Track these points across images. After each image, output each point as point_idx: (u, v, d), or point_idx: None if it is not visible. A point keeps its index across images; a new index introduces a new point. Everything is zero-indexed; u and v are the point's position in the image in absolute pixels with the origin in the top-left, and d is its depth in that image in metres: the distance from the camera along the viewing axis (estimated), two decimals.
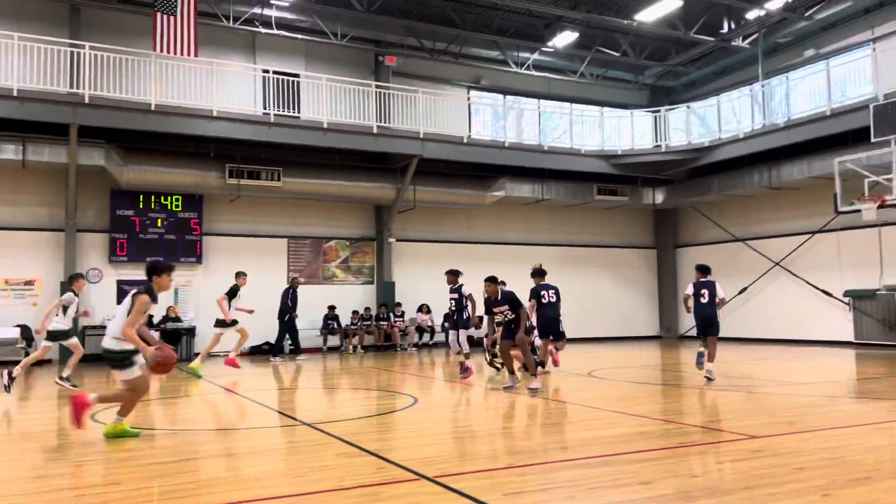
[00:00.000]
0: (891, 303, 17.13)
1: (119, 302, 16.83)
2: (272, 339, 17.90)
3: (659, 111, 21.36)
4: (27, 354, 12.03)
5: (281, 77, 17.37)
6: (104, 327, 16.24)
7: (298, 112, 17.54)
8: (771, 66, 20.05)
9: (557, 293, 11.70)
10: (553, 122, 22.31)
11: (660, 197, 22.09)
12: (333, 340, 18.81)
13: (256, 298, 17.79)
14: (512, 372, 10.10)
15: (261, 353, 17.70)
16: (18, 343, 15.27)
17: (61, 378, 10.70)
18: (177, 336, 16.63)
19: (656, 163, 20.85)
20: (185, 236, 17.78)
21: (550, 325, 11.65)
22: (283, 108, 17.19)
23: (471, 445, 6.42)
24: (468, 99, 21.25)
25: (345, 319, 18.77)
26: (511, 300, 9.92)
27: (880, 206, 14.24)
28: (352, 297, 19.39)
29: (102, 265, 17.10)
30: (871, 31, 17.95)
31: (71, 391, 9.76)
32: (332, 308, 18.52)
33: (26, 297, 16.41)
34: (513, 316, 9.94)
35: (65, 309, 10.38)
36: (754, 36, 19.48)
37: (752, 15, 18.48)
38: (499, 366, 11.63)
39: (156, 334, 16.82)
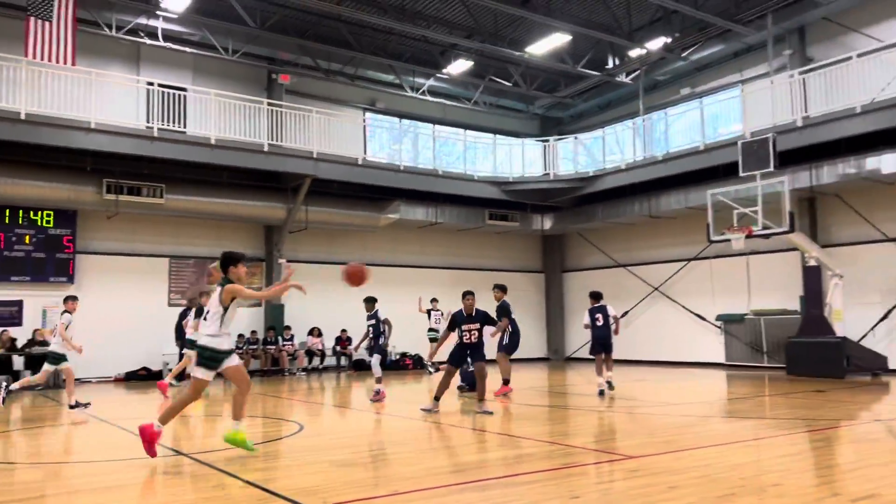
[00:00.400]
0: (757, 327, 18.36)
1: None
2: (150, 364, 17.04)
3: (548, 140, 22.11)
4: None
5: (166, 90, 16.69)
6: None
7: (185, 127, 16.91)
8: (651, 101, 21.25)
9: None
10: (448, 147, 22.63)
11: (548, 223, 22.79)
12: None
13: (133, 321, 17.00)
14: (438, 398, 9.92)
15: (137, 378, 16.74)
16: None
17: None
18: (42, 361, 15.37)
19: (545, 190, 21.54)
20: (57, 254, 16.62)
21: (519, 341, 12.25)
22: (168, 122, 16.51)
23: (357, 473, 6.28)
24: (364, 121, 21.21)
25: None
26: (485, 317, 9.95)
27: (748, 237, 15.28)
28: (237, 320, 18.53)
29: None
30: (739, 74, 19.40)
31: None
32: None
33: None
34: (476, 339, 9.80)
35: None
36: (636, 73, 20.60)
37: (634, 53, 19.52)
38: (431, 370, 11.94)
39: (20, 359, 15.62)
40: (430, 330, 18.45)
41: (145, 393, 14.18)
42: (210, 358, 6.58)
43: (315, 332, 19.22)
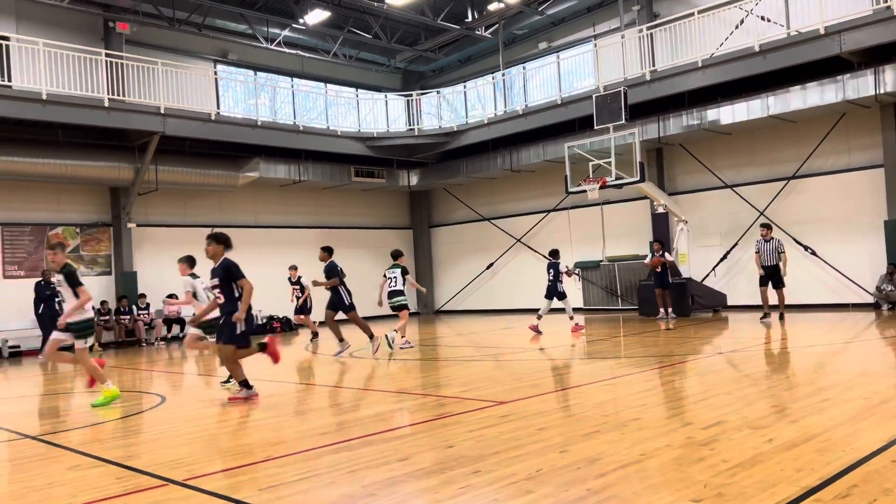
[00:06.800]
0: (611, 272, 19.44)
1: None
2: None
3: (411, 95, 21.94)
4: None
5: None
6: None
7: (9, 81, 15.22)
8: (510, 56, 21.55)
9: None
10: (309, 101, 21.90)
11: (414, 179, 22.78)
12: None
13: None
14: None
15: None
16: None
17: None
18: None
19: (410, 146, 21.44)
20: None
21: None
22: None
23: (225, 442, 6.04)
24: (215, 73, 20.03)
25: None
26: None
27: (602, 187, 16.01)
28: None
29: None
30: (592, 29, 20.05)
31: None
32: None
33: None
34: None
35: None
36: (495, 27, 20.76)
37: (493, 7, 19.64)
38: None
39: None
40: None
41: None
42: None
43: (173, 299, 18.21)
